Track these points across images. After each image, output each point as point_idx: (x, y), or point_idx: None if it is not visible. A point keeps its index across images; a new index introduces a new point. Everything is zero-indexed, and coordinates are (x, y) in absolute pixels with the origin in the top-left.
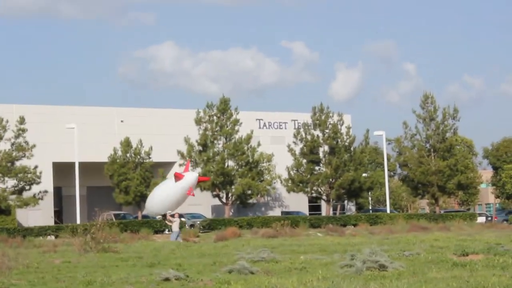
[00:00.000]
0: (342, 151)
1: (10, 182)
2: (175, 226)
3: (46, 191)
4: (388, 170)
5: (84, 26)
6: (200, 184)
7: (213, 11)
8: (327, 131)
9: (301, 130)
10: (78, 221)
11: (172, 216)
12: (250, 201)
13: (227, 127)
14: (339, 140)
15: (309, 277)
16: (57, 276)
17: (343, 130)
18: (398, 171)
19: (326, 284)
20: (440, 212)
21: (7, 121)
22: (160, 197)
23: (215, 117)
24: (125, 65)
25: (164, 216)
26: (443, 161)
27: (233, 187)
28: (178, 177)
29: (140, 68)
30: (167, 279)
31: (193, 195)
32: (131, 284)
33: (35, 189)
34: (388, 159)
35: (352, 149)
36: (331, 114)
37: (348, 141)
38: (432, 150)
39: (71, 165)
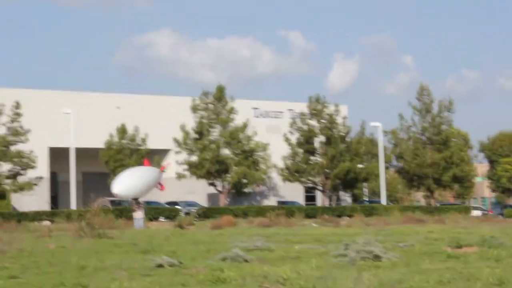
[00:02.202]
0: (338, 141)
1: (6, 167)
2: (142, 213)
3: (41, 177)
4: (384, 162)
5: (82, 13)
6: (195, 171)
7: None
8: (323, 121)
9: (297, 119)
10: (74, 207)
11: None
12: (246, 190)
13: (223, 115)
14: (335, 131)
15: (302, 266)
16: (50, 260)
17: (339, 120)
18: (394, 162)
19: (319, 273)
20: (436, 205)
21: (3, 105)
22: (146, 182)
23: (211, 105)
24: (122, 51)
25: (136, 201)
26: (439, 154)
27: (228, 175)
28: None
29: (137, 55)
30: (160, 266)
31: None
32: (124, 269)
33: (31, 174)
34: (384, 151)
35: (348, 139)
36: (327, 105)
37: (344, 131)
38: (427, 142)
39: (67, 150)
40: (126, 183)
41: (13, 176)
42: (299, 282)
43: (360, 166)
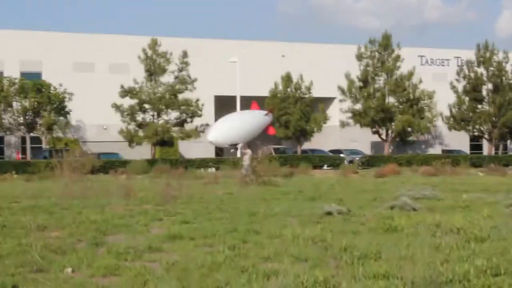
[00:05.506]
0: (507, 89)
1: (173, 115)
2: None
3: (207, 124)
4: None
5: None
6: (359, 119)
7: None
8: (491, 68)
9: (464, 67)
10: (239, 155)
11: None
12: (410, 138)
13: (388, 63)
14: (503, 78)
15: (474, 215)
16: (220, 206)
17: (508, 68)
18: None
19: (492, 222)
20: None
21: (171, 54)
22: (245, 127)
23: (376, 53)
24: (284, 0)
25: (244, 145)
26: None
27: (393, 124)
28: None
29: (300, 3)
30: (329, 213)
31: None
32: (294, 216)
33: (197, 121)
34: None
35: None
36: (496, 52)
37: None
38: None
39: (232, 98)
40: (222, 130)
41: (180, 124)
42: (473, 231)
43: None
